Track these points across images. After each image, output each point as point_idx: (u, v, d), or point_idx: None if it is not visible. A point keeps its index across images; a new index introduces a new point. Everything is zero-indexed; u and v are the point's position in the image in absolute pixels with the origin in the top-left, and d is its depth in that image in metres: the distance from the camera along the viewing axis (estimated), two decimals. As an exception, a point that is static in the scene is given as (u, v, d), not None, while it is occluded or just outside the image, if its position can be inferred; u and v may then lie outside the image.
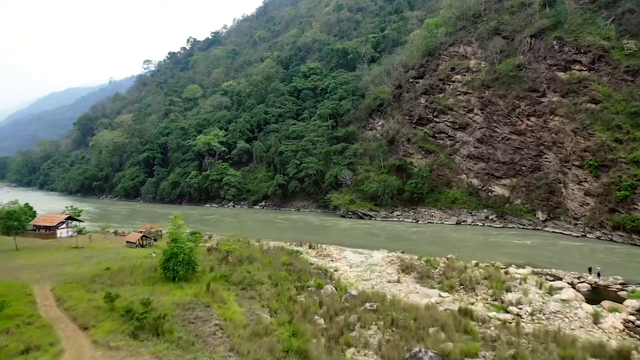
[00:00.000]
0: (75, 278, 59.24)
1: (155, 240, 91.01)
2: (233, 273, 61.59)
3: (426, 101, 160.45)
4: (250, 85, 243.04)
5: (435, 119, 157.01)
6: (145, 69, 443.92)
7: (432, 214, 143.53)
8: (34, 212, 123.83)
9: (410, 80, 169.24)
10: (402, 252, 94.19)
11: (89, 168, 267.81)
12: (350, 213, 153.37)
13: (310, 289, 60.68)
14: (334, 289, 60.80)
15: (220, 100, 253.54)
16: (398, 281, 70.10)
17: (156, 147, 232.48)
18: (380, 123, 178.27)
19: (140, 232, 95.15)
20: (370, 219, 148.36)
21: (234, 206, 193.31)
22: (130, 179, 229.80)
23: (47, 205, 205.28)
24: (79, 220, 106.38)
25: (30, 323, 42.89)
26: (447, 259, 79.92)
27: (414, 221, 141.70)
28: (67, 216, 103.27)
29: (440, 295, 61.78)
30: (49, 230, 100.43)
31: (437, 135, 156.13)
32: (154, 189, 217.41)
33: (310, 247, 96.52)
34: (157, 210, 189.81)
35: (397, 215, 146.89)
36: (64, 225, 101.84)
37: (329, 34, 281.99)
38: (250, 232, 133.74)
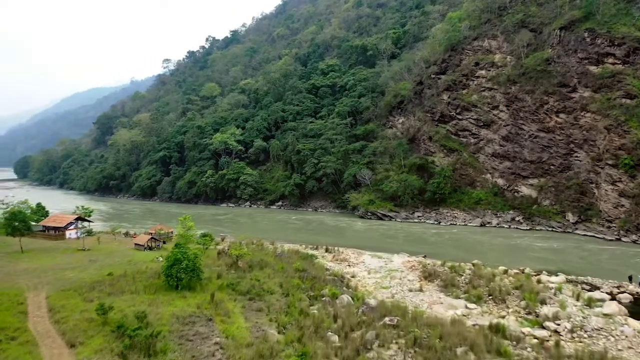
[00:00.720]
0: (75, 284, 55.67)
1: (164, 242, 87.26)
2: (241, 281, 57.32)
3: (449, 97, 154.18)
4: (267, 82, 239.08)
5: (458, 116, 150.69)
6: (164, 68, 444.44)
7: (455, 215, 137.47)
8: (46, 211, 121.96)
9: (432, 76, 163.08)
10: (424, 257, 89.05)
11: (107, 167, 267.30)
12: (369, 214, 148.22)
13: (324, 299, 55.96)
14: (350, 298, 55.93)
15: (237, 98, 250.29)
16: (420, 290, 64.94)
17: (173, 146, 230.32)
18: (400, 121, 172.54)
19: (150, 233, 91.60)
20: (390, 220, 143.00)
21: (250, 206, 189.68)
22: (147, 178, 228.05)
23: (62, 205, 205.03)
24: (88, 221, 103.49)
25: (15, 338, 39.20)
26: (473, 265, 74.44)
27: (435, 223, 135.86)
28: (76, 217, 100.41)
29: (467, 307, 56.52)
30: (58, 232, 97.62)
31: (460, 133, 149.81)
32: (171, 189, 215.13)
33: (326, 250, 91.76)
34: (171, 210, 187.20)
35: (418, 217, 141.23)
36: (73, 226, 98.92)
37: (348, 30, 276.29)
38: (264, 233, 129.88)
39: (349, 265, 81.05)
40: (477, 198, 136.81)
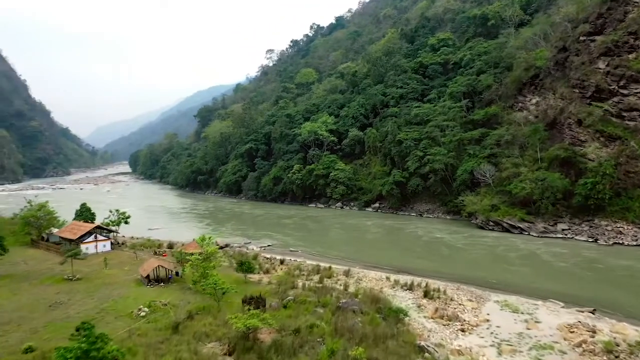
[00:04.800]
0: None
1: (177, 274, 60.18)
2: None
3: (607, 65, 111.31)
4: (368, 62, 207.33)
5: (621, 91, 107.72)
6: (268, 58, 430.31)
7: (620, 229, 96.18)
8: (91, 214, 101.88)
9: (582, 38, 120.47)
10: (593, 312, 53.29)
11: (195, 161, 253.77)
12: (491, 223, 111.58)
13: None
14: None
15: (334, 83, 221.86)
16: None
17: (260, 138, 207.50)
18: (534, 100, 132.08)
19: (164, 255, 65.68)
20: (520, 233, 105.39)
21: (342, 207, 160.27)
22: (232, 173, 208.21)
23: (137, 202, 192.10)
24: (110, 231, 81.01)
25: None
26: None
27: (590, 240, 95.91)
28: (94, 226, 78.07)
29: None
30: (72, 244, 75.69)
31: (624, 114, 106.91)
32: (256, 185, 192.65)
33: (425, 294, 58.26)
34: (246, 211, 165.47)
35: (563, 230, 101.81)
36: (90, 238, 76.46)
37: (465, 1, 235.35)
38: (339, 246, 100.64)
39: (462, 330, 47.65)
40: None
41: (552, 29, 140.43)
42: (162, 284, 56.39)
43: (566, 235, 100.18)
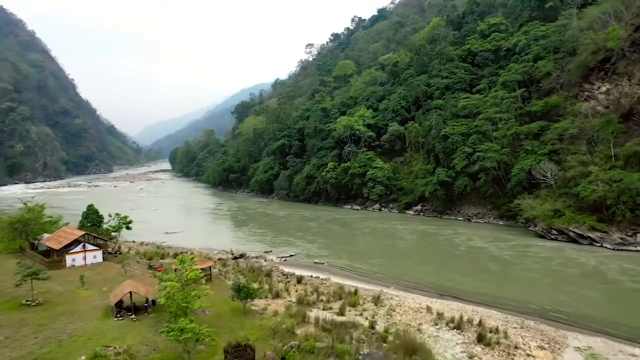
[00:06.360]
0: None
1: (153, 303, 47.67)
2: None
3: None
4: (410, 51, 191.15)
5: None
6: (307, 53, 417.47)
7: None
8: (99, 216, 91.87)
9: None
10: None
11: (227, 158, 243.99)
12: (554, 231, 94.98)
13: None
14: None
15: (374, 75, 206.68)
16: None
17: (294, 134, 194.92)
18: (603, 88, 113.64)
19: (160, 269, 53.84)
20: (591, 244, 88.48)
21: (379, 209, 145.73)
22: (264, 172, 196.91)
23: (162, 202, 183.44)
24: (103, 239, 70.22)
25: None
26: None
27: (681, 255, 78.24)
28: (82, 233, 67.31)
29: None
30: (59, 255, 65.20)
31: None
32: (288, 184, 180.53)
33: (480, 338, 43.18)
34: (269, 212, 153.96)
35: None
36: (78, 248, 65.68)
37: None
38: (370, 255, 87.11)
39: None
40: None
41: (624, 5, 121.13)
42: (133, 316, 44.48)
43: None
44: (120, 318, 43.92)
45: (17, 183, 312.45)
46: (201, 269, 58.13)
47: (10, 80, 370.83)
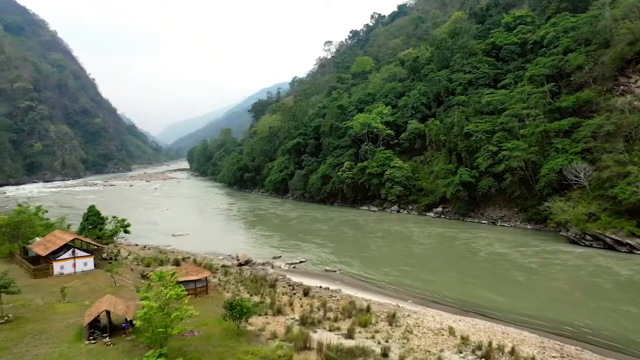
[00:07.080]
0: None
1: (131, 324, 41.74)
2: None
3: None
4: (431, 46, 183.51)
5: None
6: (326, 50, 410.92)
7: None
8: (101, 218, 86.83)
9: None
10: None
11: (242, 157, 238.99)
12: (588, 237, 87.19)
13: None
14: None
15: (393, 71, 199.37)
16: None
17: (310, 132, 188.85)
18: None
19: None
20: (630, 251, 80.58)
21: (398, 211, 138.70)
22: (279, 171, 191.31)
23: (174, 202, 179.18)
24: (94, 245, 65.14)
25: None
26: None
27: None
28: (72, 238, 62.33)
29: None
30: (46, 262, 60.30)
31: None
32: (302, 184, 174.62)
33: None
34: (279, 212, 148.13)
35: (694, 251, 76.05)
36: (67, 254, 60.67)
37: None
38: (384, 262, 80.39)
39: None
40: None
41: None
42: (107, 339, 38.89)
43: (699, 257, 74.51)
44: (93, 341, 38.35)
45: (35, 182, 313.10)
46: (196, 280, 52.86)
47: (30, 80, 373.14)
